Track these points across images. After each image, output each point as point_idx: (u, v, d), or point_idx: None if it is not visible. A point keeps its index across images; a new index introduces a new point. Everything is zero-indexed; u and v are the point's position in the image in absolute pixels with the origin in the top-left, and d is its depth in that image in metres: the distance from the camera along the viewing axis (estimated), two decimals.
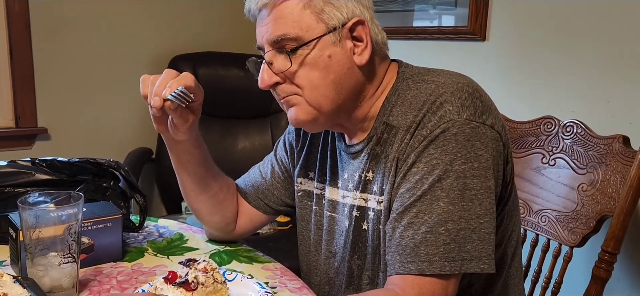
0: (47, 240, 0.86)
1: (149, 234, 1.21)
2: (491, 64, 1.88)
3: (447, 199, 0.81)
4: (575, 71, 1.64)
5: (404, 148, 0.87)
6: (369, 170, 0.94)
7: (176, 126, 0.95)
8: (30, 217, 0.85)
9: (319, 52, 0.87)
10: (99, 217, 1.02)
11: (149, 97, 0.91)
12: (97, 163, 1.17)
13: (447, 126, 0.83)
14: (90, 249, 1.02)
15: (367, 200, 0.94)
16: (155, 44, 2.53)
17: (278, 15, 0.87)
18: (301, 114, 0.91)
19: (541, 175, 1.38)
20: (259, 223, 1.17)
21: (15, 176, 1.12)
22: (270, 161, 1.15)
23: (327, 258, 1.04)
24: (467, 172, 0.82)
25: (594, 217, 1.25)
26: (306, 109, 0.91)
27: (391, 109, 0.91)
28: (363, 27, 0.89)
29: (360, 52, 0.89)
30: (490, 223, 0.83)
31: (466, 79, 0.90)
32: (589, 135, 1.31)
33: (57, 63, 2.31)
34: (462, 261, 0.81)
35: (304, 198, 1.08)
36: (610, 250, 1.21)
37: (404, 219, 0.84)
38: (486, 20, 1.87)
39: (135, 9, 2.48)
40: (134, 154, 2.39)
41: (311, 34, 0.87)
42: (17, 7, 2.18)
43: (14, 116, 2.26)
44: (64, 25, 2.31)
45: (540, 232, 1.37)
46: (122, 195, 1.17)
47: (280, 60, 0.89)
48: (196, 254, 1.11)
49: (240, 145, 2.54)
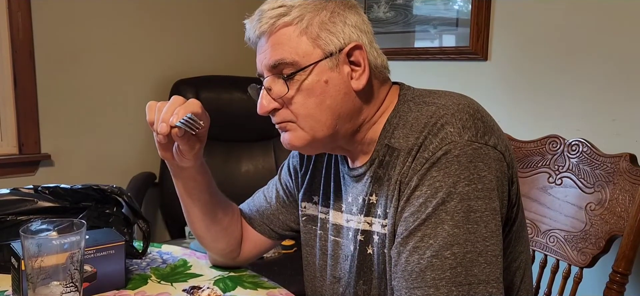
0: (49, 269, 0.85)
1: (152, 261, 1.20)
2: (494, 83, 1.88)
3: (451, 222, 0.80)
4: (580, 90, 1.63)
5: (406, 171, 0.86)
6: (372, 193, 0.93)
7: (182, 153, 0.94)
8: (32, 246, 0.84)
9: (316, 77, 0.87)
10: (102, 244, 1.01)
11: (155, 124, 0.90)
12: (100, 189, 1.17)
13: (448, 148, 0.82)
14: (93, 277, 1.00)
15: (372, 224, 0.93)
16: (158, 69, 2.54)
17: (276, 42, 0.88)
18: (294, 139, 0.91)
19: (548, 195, 1.36)
20: (264, 248, 1.16)
21: (17, 204, 1.12)
22: (275, 185, 1.14)
23: (332, 284, 1.02)
24: (471, 193, 0.80)
25: (603, 236, 1.24)
26: (300, 135, 0.91)
27: (392, 131, 0.90)
28: (360, 51, 0.89)
29: (358, 76, 0.89)
30: (497, 245, 0.82)
31: (467, 100, 0.89)
32: (596, 154, 1.30)
33: (60, 90, 2.32)
34: (469, 285, 0.79)
35: (309, 222, 1.07)
36: (621, 270, 1.19)
37: (408, 244, 0.83)
38: (488, 40, 1.87)
39: (138, 33, 2.49)
40: (137, 179, 2.39)
41: (308, 59, 0.87)
42: (21, 35, 2.20)
43: (17, 143, 2.27)
44: (68, 52, 2.32)
45: (549, 253, 1.35)
46: (125, 222, 1.16)
47: (278, 85, 0.89)
48: (200, 281, 1.10)
49: (244, 168, 2.53)
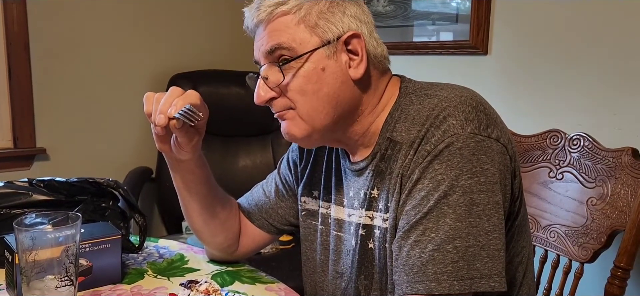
0: (43, 262, 0.83)
1: (149, 255, 1.18)
2: (494, 77, 1.87)
3: (454, 215, 0.79)
4: (581, 84, 1.62)
5: (408, 164, 0.85)
6: (374, 187, 0.92)
7: (180, 145, 0.93)
8: (26, 239, 0.83)
9: (313, 65, 0.86)
10: (98, 238, 1.00)
11: (153, 115, 0.89)
12: (96, 183, 1.15)
13: (451, 141, 0.80)
14: (89, 271, 0.99)
15: (373, 218, 0.92)
16: (155, 63, 2.52)
17: (273, 29, 0.88)
18: (294, 128, 0.90)
19: (549, 190, 1.35)
20: (262, 243, 1.15)
21: (12, 197, 1.10)
22: (274, 179, 1.13)
23: (334, 279, 1.01)
24: (473, 186, 0.79)
25: (604, 231, 1.23)
26: (299, 124, 0.89)
27: (394, 125, 0.89)
28: (358, 40, 0.88)
29: (356, 65, 0.88)
30: (499, 239, 0.81)
31: (470, 92, 0.88)
32: (597, 148, 1.28)
33: (56, 83, 2.30)
34: (471, 279, 0.78)
35: (308, 217, 1.06)
36: (623, 265, 1.18)
37: (410, 237, 0.81)
38: (488, 34, 1.86)
39: (135, 28, 2.47)
40: (134, 173, 2.37)
41: (304, 47, 0.86)
42: (16, 28, 2.18)
43: (12, 137, 2.25)
44: (64, 45, 2.30)
45: (549, 248, 1.34)
46: (122, 216, 1.15)
47: (275, 74, 0.88)
48: (197, 275, 1.08)
49: (242, 163, 2.52)
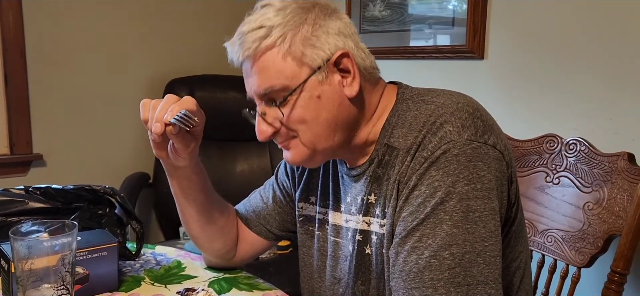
0: (39, 271, 0.83)
1: (146, 262, 1.18)
2: (490, 82, 1.87)
3: (450, 222, 0.79)
4: (577, 88, 1.63)
5: (404, 171, 0.85)
6: (371, 193, 0.92)
7: (177, 151, 0.93)
8: (22, 248, 0.82)
9: (308, 93, 0.86)
10: (94, 246, 0.99)
11: (149, 122, 0.89)
12: (93, 190, 1.15)
13: (448, 147, 0.81)
14: (85, 279, 0.99)
15: (370, 224, 0.92)
16: (151, 68, 2.52)
17: (261, 68, 0.87)
18: (296, 156, 0.91)
19: (545, 194, 1.35)
20: (260, 249, 1.14)
21: (8, 205, 1.10)
22: (272, 185, 1.13)
23: (331, 284, 1.01)
24: (470, 193, 0.79)
25: (601, 236, 1.23)
26: (301, 150, 0.90)
27: (392, 131, 0.89)
28: (348, 59, 0.87)
29: (350, 83, 0.88)
30: (496, 246, 0.81)
31: (466, 99, 0.88)
32: (593, 153, 1.29)
33: (52, 89, 2.29)
34: (468, 286, 0.78)
35: (305, 223, 1.06)
36: (619, 270, 1.18)
37: (407, 244, 0.81)
38: (484, 39, 1.86)
39: (131, 33, 2.47)
40: (131, 179, 2.37)
41: (296, 80, 0.86)
42: (12, 33, 2.18)
43: (8, 143, 2.24)
44: (60, 51, 2.30)
45: (546, 253, 1.34)
46: (118, 223, 1.15)
47: (272, 110, 0.89)
48: (195, 282, 1.08)
49: (239, 168, 2.51)
